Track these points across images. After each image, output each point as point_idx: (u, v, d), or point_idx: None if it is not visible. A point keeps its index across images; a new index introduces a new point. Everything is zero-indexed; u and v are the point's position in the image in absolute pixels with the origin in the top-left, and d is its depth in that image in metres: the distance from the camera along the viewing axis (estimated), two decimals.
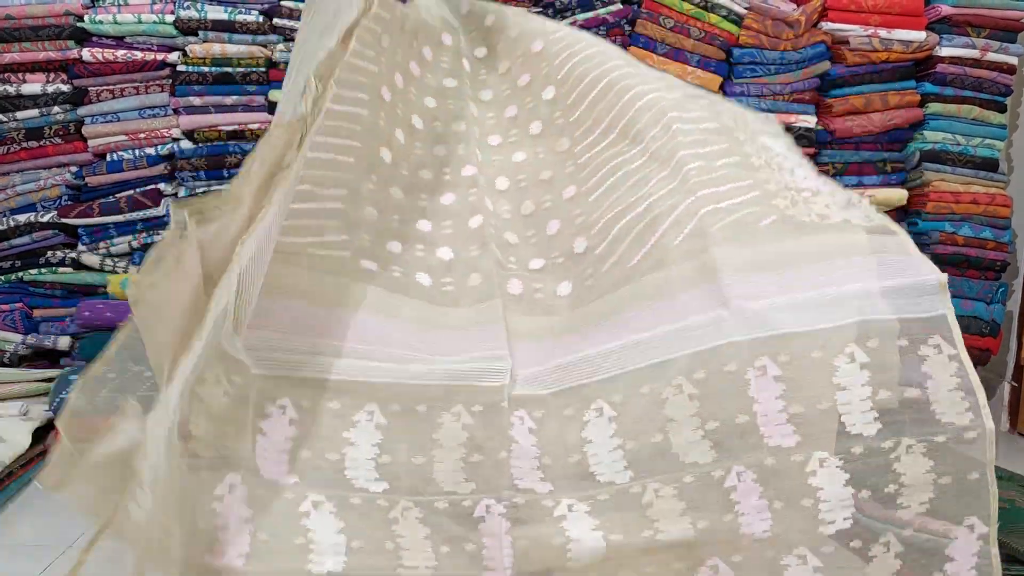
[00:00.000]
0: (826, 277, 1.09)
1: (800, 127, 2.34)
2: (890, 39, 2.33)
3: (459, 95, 1.42)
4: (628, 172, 1.26)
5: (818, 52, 2.34)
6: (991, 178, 2.40)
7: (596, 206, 1.27)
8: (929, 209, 2.37)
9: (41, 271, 2.32)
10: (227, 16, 2.29)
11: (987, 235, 2.38)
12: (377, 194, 1.26)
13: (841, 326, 1.04)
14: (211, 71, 2.31)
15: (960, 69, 2.37)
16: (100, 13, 2.28)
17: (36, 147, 2.33)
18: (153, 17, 2.28)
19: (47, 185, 2.34)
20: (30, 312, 2.32)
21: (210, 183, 2.35)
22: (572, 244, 1.26)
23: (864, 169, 2.39)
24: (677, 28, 2.32)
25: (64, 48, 2.29)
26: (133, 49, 2.31)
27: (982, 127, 2.41)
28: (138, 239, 2.32)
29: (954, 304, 2.43)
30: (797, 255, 1.12)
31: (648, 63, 2.30)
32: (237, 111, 2.34)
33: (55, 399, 1.78)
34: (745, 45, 2.34)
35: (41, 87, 2.32)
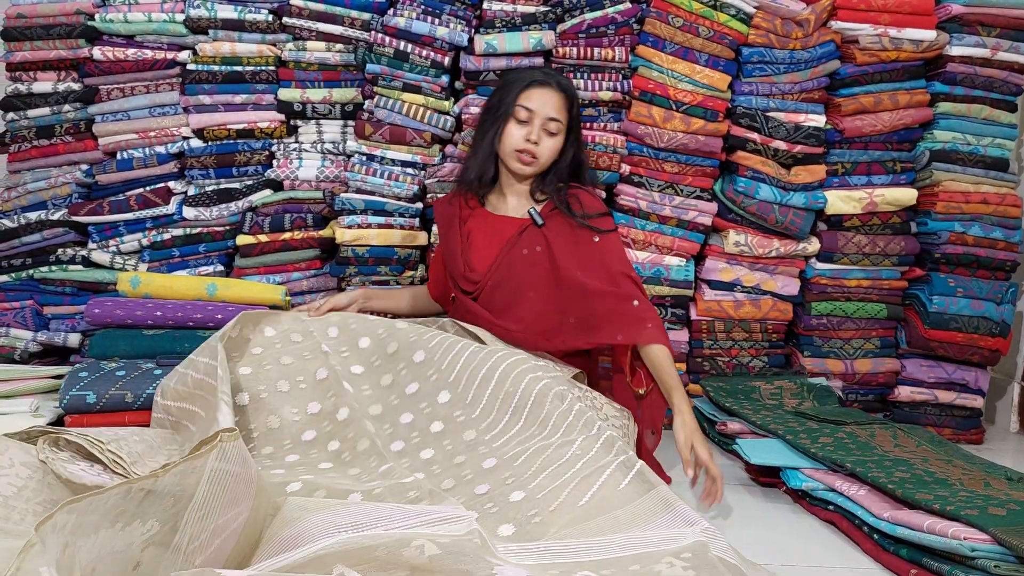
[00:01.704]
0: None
1: (809, 126, 2.34)
2: (900, 38, 2.32)
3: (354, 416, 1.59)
4: (544, 446, 1.41)
5: (827, 51, 2.33)
6: (1001, 178, 2.39)
7: (525, 467, 1.38)
8: (939, 209, 2.36)
9: (52, 268, 2.34)
10: (237, 15, 2.30)
11: (997, 235, 2.37)
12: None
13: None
14: (221, 70, 2.32)
15: (970, 68, 2.36)
16: (111, 12, 2.29)
17: (47, 145, 2.34)
18: (163, 16, 2.29)
19: (58, 183, 2.35)
20: (41, 309, 2.33)
21: (219, 181, 2.36)
22: (508, 496, 1.34)
23: (873, 168, 2.39)
24: (686, 27, 2.31)
25: (75, 47, 2.31)
26: (143, 48, 2.32)
27: (992, 127, 2.39)
28: (148, 237, 2.33)
29: (963, 304, 2.47)
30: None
31: (657, 62, 2.32)
32: (247, 109, 2.35)
33: (65, 395, 1.79)
34: (754, 44, 2.33)
35: (52, 85, 2.33)
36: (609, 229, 1.93)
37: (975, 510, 1.43)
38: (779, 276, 2.40)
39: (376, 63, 2.29)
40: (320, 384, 1.66)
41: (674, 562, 1.10)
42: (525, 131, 1.91)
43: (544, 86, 1.92)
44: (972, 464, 1.79)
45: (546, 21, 2.32)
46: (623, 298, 1.82)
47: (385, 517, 1.08)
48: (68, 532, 0.87)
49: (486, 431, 1.50)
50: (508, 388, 1.54)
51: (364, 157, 2.32)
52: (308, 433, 1.59)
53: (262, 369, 1.67)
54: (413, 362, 1.68)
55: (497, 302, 1.89)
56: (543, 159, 1.93)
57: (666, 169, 2.35)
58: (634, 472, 1.31)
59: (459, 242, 1.96)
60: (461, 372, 1.60)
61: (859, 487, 1.65)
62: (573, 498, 1.29)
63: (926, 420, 2.39)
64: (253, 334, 1.76)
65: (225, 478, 1.01)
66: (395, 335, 1.74)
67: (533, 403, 1.50)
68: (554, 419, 1.46)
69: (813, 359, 2.41)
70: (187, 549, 0.98)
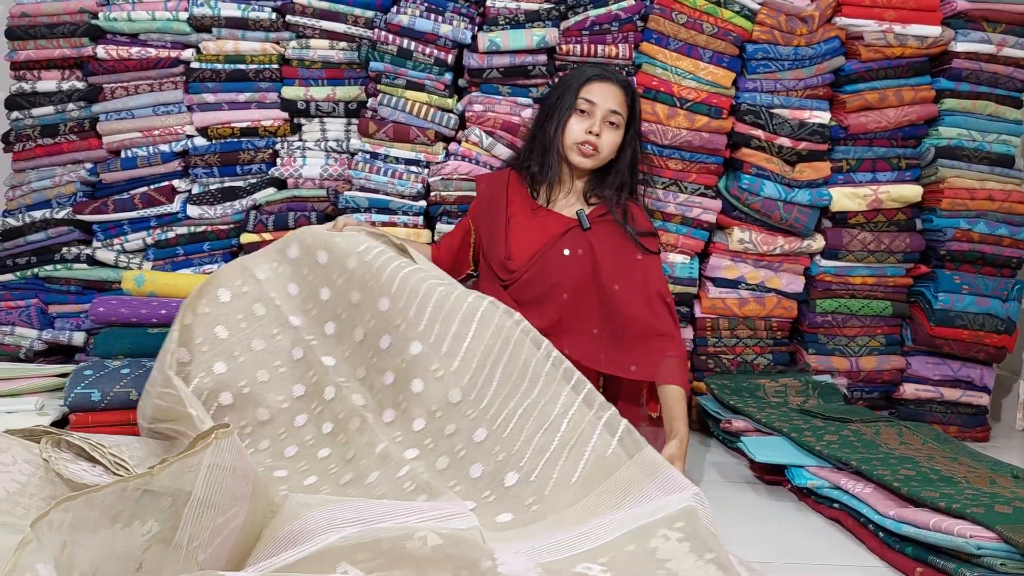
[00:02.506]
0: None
1: (814, 123, 2.33)
2: (905, 34, 2.31)
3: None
4: (530, 405, 1.40)
5: (832, 47, 2.32)
6: (1007, 174, 2.38)
7: (514, 438, 1.37)
8: (944, 206, 2.35)
9: (56, 267, 2.34)
10: (240, 13, 2.30)
11: (1003, 232, 2.36)
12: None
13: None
14: (224, 68, 2.32)
15: (976, 65, 2.35)
16: (114, 10, 2.29)
17: (51, 144, 2.34)
18: (167, 14, 2.29)
19: (62, 182, 2.36)
20: (45, 308, 2.33)
21: (223, 179, 2.36)
22: (503, 479, 1.33)
23: (878, 165, 2.38)
24: (690, 24, 2.31)
25: (79, 45, 2.31)
26: (147, 46, 2.32)
27: (998, 123, 2.38)
28: (152, 235, 2.34)
29: (969, 301, 2.45)
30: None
31: (660, 59, 2.31)
32: (250, 108, 2.35)
33: (70, 394, 1.79)
34: (758, 40, 2.32)
35: (56, 84, 2.33)
36: (654, 251, 1.95)
37: (981, 508, 1.43)
38: (784, 273, 2.40)
39: (379, 61, 2.29)
40: (299, 364, 1.64)
41: (668, 535, 1.12)
42: (587, 123, 1.94)
43: (605, 80, 1.97)
44: (978, 462, 1.79)
45: (549, 18, 2.31)
46: (654, 328, 1.83)
47: (388, 513, 1.08)
48: (66, 530, 0.87)
49: (469, 389, 1.47)
50: (484, 336, 1.51)
51: (368, 155, 2.32)
52: (300, 418, 1.59)
53: (236, 362, 1.64)
54: (379, 311, 1.62)
55: (528, 295, 1.90)
56: (604, 152, 1.96)
57: (670, 166, 2.34)
58: (618, 436, 1.31)
59: (502, 228, 1.97)
60: (431, 320, 1.55)
61: (864, 485, 1.65)
62: (565, 475, 1.29)
63: (931, 418, 2.39)
64: (209, 306, 1.68)
65: (222, 474, 1.01)
66: (352, 281, 1.68)
67: (512, 352, 1.48)
68: (532, 367, 1.45)
69: (818, 357, 2.40)
70: (189, 547, 0.98)
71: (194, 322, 1.68)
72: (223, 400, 1.61)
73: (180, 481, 0.98)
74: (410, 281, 1.61)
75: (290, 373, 1.64)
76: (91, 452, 1.19)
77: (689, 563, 1.07)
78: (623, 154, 2.01)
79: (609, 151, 1.97)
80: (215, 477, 1.00)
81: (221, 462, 1.01)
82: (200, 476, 0.98)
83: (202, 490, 0.99)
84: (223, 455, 1.03)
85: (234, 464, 1.04)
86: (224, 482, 1.01)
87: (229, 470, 1.02)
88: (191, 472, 0.98)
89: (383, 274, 1.65)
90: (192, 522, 0.97)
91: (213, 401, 1.61)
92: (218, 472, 1.01)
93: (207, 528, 0.99)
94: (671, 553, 1.09)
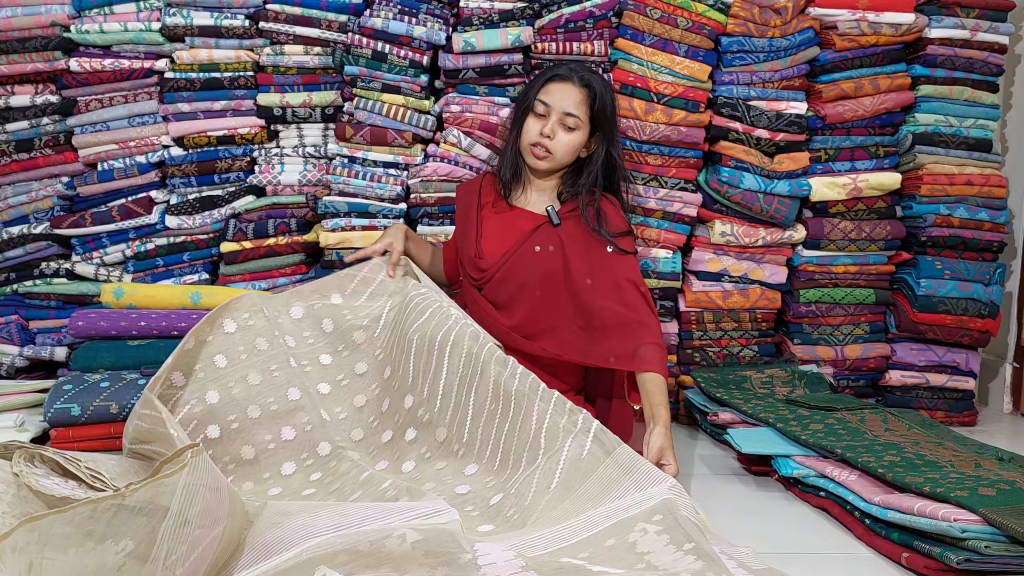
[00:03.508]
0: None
1: (791, 114, 2.33)
2: (879, 22, 2.32)
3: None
4: (509, 429, 1.43)
5: (807, 38, 2.32)
6: (985, 159, 2.39)
7: (503, 468, 1.40)
8: (923, 192, 2.36)
9: (36, 283, 2.32)
10: (213, 21, 2.29)
11: (983, 216, 2.37)
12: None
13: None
14: (199, 77, 2.30)
15: (950, 50, 2.36)
16: (86, 23, 2.27)
17: (27, 159, 2.32)
18: (139, 25, 2.28)
19: (39, 196, 2.34)
20: (26, 324, 2.31)
21: (201, 188, 2.35)
22: (488, 500, 1.36)
23: (857, 154, 2.38)
24: (664, 18, 2.31)
25: (51, 59, 2.29)
26: (120, 58, 2.30)
27: (975, 108, 2.39)
28: (131, 247, 2.32)
29: (951, 287, 2.46)
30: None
31: (636, 54, 2.31)
32: (226, 116, 2.34)
33: (49, 409, 1.77)
34: (733, 33, 2.32)
35: (30, 99, 2.32)
36: (630, 251, 1.92)
37: (965, 491, 1.43)
38: (766, 265, 2.40)
39: (354, 65, 2.28)
40: (292, 405, 1.63)
41: (647, 528, 1.12)
42: (541, 124, 1.92)
43: (564, 81, 1.93)
44: (963, 446, 1.79)
45: (524, 17, 2.31)
46: (627, 317, 1.82)
47: (367, 517, 1.07)
48: (33, 550, 0.86)
49: (452, 423, 1.52)
50: (457, 367, 1.55)
51: (346, 160, 2.32)
52: (288, 466, 1.57)
53: (229, 393, 1.62)
54: (383, 378, 1.69)
55: (502, 295, 1.90)
56: (558, 154, 1.93)
57: (649, 162, 2.34)
58: (592, 437, 1.33)
59: (473, 228, 1.97)
60: (415, 369, 1.61)
61: (850, 472, 1.65)
62: (544, 483, 1.30)
63: (918, 404, 2.39)
64: (213, 334, 1.68)
65: (198, 492, 1.00)
66: (357, 351, 1.75)
67: (481, 375, 1.51)
68: (503, 387, 1.47)
69: (803, 346, 2.40)
70: (166, 561, 0.97)
71: (195, 348, 1.66)
72: (210, 433, 1.59)
73: (156, 501, 0.96)
74: (403, 338, 1.66)
75: (282, 413, 1.62)
76: (66, 466, 1.18)
77: (668, 555, 1.07)
78: (593, 157, 1.96)
79: (564, 153, 1.93)
80: (191, 495, 0.99)
81: (196, 480, 1.00)
82: (176, 494, 0.97)
83: (178, 507, 0.98)
84: (198, 473, 1.01)
85: (209, 482, 1.03)
86: (200, 499, 1.00)
87: (204, 487, 1.01)
88: (166, 491, 0.97)
89: (388, 344, 1.71)
90: (169, 538, 0.96)
91: (200, 432, 1.59)
92: (194, 491, 1.00)
93: (184, 543, 0.98)
94: (650, 546, 1.09)
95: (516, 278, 1.89)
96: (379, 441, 1.61)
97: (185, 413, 1.59)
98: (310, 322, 1.79)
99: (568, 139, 1.92)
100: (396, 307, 1.78)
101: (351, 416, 1.67)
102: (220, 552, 1.07)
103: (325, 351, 1.76)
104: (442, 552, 1.00)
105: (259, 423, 1.60)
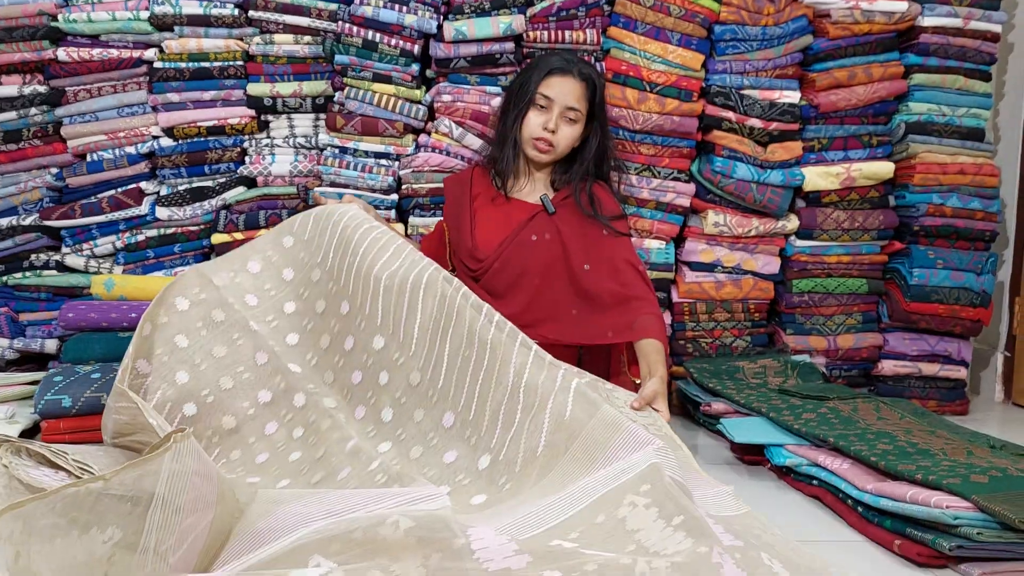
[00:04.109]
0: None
1: (784, 103, 2.33)
2: (872, 11, 2.31)
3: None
4: (485, 377, 1.41)
5: (800, 26, 2.32)
6: (978, 148, 2.39)
7: (479, 417, 1.38)
8: (916, 181, 2.36)
9: (25, 275, 2.31)
10: (202, 10, 2.27)
11: (975, 205, 2.37)
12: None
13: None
14: (188, 66, 2.29)
15: (943, 39, 2.35)
16: (74, 12, 2.25)
17: (15, 150, 2.30)
18: (128, 14, 2.26)
19: (28, 188, 2.32)
20: (16, 316, 2.30)
21: (191, 179, 2.33)
22: (477, 463, 1.34)
23: (850, 143, 2.38)
24: (657, 6, 2.30)
25: (39, 49, 2.27)
26: (109, 47, 2.28)
27: (967, 97, 2.39)
28: (121, 239, 2.30)
29: (944, 276, 2.46)
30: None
31: (629, 43, 2.30)
32: (216, 106, 2.32)
33: (40, 400, 1.76)
34: (726, 22, 2.32)
35: (18, 89, 2.29)
36: (624, 232, 1.94)
37: (957, 479, 1.43)
38: (759, 255, 2.40)
39: (345, 54, 2.27)
40: (263, 369, 1.61)
41: (636, 501, 1.12)
42: (544, 119, 1.92)
43: (565, 74, 1.92)
44: (955, 434, 1.79)
45: (515, 5, 2.30)
46: (625, 295, 1.83)
47: (359, 503, 1.07)
48: (18, 539, 0.85)
49: (426, 367, 1.48)
50: (431, 309, 1.51)
51: (337, 150, 2.30)
52: (270, 425, 1.56)
53: (198, 370, 1.60)
54: (341, 314, 1.63)
55: (500, 285, 1.89)
56: (560, 147, 1.94)
57: (642, 151, 2.33)
58: (572, 396, 1.32)
59: (467, 220, 1.97)
60: (384, 310, 1.56)
61: (842, 461, 1.65)
62: (530, 447, 1.30)
63: (911, 393, 2.39)
64: (167, 315, 1.64)
65: (183, 477, 0.99)
66: (316, 291, 1.69)
67: (456, 321, 1.48)
68: (479, 334, 1.44)
69: (796, 336, 2.40)
70: (157, 549, 0.96)
71: (153, 333, 1.63)
72: (187, 411, 1.57)
73: (141, 486, 0.95)
74: (362, 275, 1.61)
75: (254, 379, 1.60)
76: (53, 459, 1.17)
77: (657, 531, 1.06)
78: (587, 147, 1.98)
79: (566, 146, 1.95)
80: (178, 481, 0.98)
81: (182, 467, 0.99)
82: (161, 479, 0.96)
83: (165, 494, 0.97)
84: (184, 459, 1.00)
85: (196, 467, 1.02)
86: (187, 485, 0.99)
87: (191, 473, 1.00)
88: (151, 477, 0.96)
89: (343, 277, 1.65)
90: (157, 527, 0.95)
91: (177, 412, 1.57)
92: (181, 476, 0.99)
93: (174, 532, 0.97)
94: (640, 522, 1.09)
95: (513, 267, 1.89)
96: (350, 382, 1.57)
97: (159, 398, 1.56)
98: (270, 273, 1.74)
99: (570, 132, 1.94)
100: (345, 237, 1.70)
101: (320, 360, 1.63)
102: (211, 541, 1.07)
103: (289, 299, 1.72)
104: (436, 538, 1.00)
105: (233, 393, 1.59)
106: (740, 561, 1.00)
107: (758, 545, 1.09)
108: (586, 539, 1.09)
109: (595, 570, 0.97)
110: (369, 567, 0.97)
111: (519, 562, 0.99)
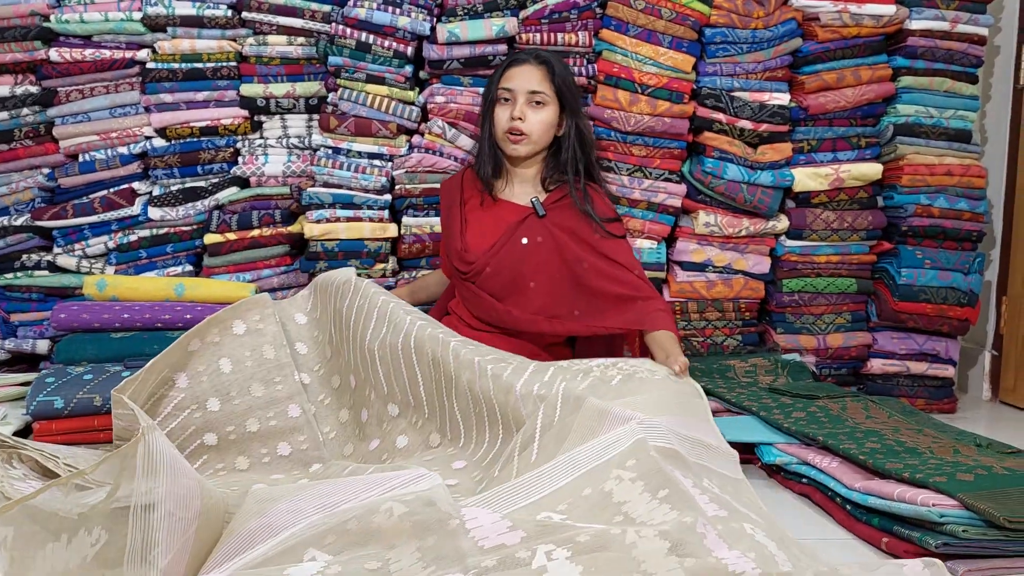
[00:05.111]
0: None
1: (774, 105, 2.35)
2: (860, 14, 2.33)
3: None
4: (491, 435, 1.48)
5: (789, 29, 2.34)
6: (965, 149, 2.41)
7: (484, 456, 1.44)
8: (904, 182, 2.38)
9: (17, 275, 2.30)
10: (195, 11, 2.27)
11: (963, 206, 2.40)
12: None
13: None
14: (181, 67, 2.29)
15: (931, 42, 2.37)
16: (66, 12, 2.25)
17: (7, 150, 2.30)
18: (120, 15, 2.26)
19: (19, 188, 2.32)
20: (7, 317, 2.30)
21: (184, 180, 2.33)
22: (475, 489, 1.38)
23: (839, 145, 2.40)
24: (648, 9, 2.31)
25: (31, 49, 2.26)
26: (101, 48, 2.28)
27: (954, 99, 2.41)
28: (114, 239, 2.30)
29: (932, 276, 2.49)
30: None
31: (620, 45, 2.32)
32: (209, 106, 2.32)
33: (32, 402, 1.76)
34: (716, 24, 2.33)
35: (9, 89, 2.29)
36: (619, 235, 1.97)
37: (943, 477, 1.45)
38: (750, 255, 2.41)
39: (338, 55, 2.27)
40: (292, 424, 1.63)
41: (622, 475, 1.15)
42: (509, 110, 1.94)
43: (521, 64, 1.97)
44: (942, 432, 1.82)
45: (508, 8, 2.31)
46: (631, 296, 1.87)
47: (351, 492, 1.08)
48: (10, 545, 0.85)
49: (444, 428, 1.56)
50: (429, 374, 1.59)
51: (330, 151, 2.31)
52: (277, 476, 1.58)
53: (231, 403, 1.61)
54: (351, 389, 1.71)
55: (497, 288, 1.91)
56: (535, 134, 1.95)
57: (634, 152, 2.35)
58: (559, 404, 1.37)
59: (457, 223, 1.98)
60: (387, 379, 1.64)
61: (831, 459, 1.67)
62: (523, 464, 1.32)
63: (899, 392, 2.42)
64: (221, 336, 1.67)
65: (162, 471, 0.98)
66: (330, 367, 1.76)
67: (455, 382, 1.55)
68: (480, 391, 1.50)
69: (786, 336, 2.43)
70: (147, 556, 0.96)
71: (200, 349, 1.65)
72: (207, 440, 1.59)
73: (118, 479, 0.96)
74: (358, 347, 1.67)
75: (280, 430, 1.62)
76: (44, 463, 1.17)
77: (643, 504, 1.08)
78: (567, 134, 1.99)
79: (539, 132, 1.96)
80: (155, 475, 0.97)
81: (155, 460, 0.98)
82: (137, 473, 0.96)
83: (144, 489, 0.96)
84: (155, 451, 0.99)
85: (171, 463, 1.01)
86: (165, 478, 0.98)
87: (167, 466, 0.99)
88: (127, 470, 0.96)
89: (346, 352, 1.71)
90: (141, 525, 0.95)
91: (197, 438, 1.60)
92: (153, 468, 0.97)
93: (160, 530, 0.97)
94: (626, 495, 1.11)
95: (507, 271, 1.90)
96: (366, 450, 1.62)
97: (184, 418, 1.59)
98: (309, 328, 1.81)
99: (540, 117, 1.95)
100: (337, 309, 1.75)
101: (339, 433, 1.69)
102: (202, 543, 1.07)
103: (316, 362, 1.78)
104: (430, 521, 1.01)
105: (256, 437, 1.61)
106: (723, 532, 1.02)
107: (741, 515, 1.11)
108: (574, 512, 1.11)
109: (587, 541, 0.99)
110: (365, 556, 0.98)
111: (513, 538, 1.01)
